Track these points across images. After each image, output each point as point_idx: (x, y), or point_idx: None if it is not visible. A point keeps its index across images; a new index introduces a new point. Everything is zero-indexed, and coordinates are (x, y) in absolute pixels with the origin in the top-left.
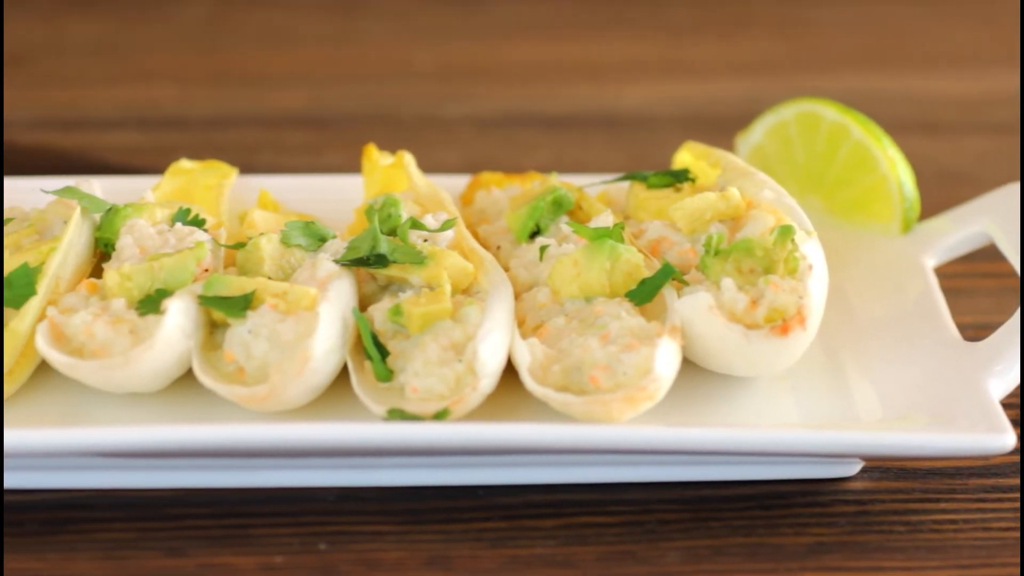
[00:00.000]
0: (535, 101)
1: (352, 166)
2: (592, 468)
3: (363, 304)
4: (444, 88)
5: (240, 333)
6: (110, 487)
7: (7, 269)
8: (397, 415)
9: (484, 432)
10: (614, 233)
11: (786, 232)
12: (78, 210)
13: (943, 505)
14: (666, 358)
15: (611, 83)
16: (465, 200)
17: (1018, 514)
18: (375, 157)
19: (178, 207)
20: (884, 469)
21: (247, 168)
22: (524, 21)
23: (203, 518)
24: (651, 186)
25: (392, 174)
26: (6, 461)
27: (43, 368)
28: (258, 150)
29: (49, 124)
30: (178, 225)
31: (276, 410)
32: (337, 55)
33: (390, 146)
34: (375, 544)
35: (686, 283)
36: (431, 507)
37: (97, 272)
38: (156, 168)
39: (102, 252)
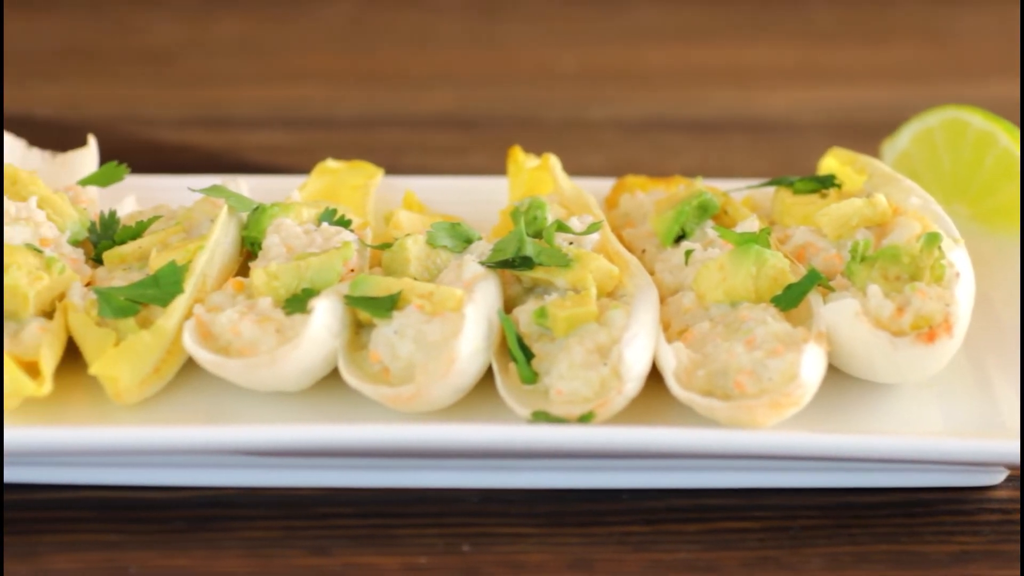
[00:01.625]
0: (679, 105)
1: (496, 168)
2: (735, 473)
3: (508, 306)
4: (588, 91)
5: (386, 333)
6: (255, 485)
7: (155, 266)
8: (542, 417)
9: (629, 436)
10: (760, 238)
11: (933, 239)
12: (225, 209)
13: None
14: (812, 364)
15: (755, 88)
16: (610, 203)
17: None
18: (521, 159)
19: (324, 207)
20: None
21: (392, 169)
22: (668, 24)
23: (347, 517)
24: (797, 191)
25: (537, 176)
26: (151, 458)
27: (189, 366)
28: (403, 151)
29: (195, 123)
30: (324, 225)
31: (421, 411)
32: (482, 57)
33: (534, 148)
34: (518, 546)
35: (832, 289)
36: (574, 510)
37: (243, 271)
38: (301, 168)
39: (248, 251)
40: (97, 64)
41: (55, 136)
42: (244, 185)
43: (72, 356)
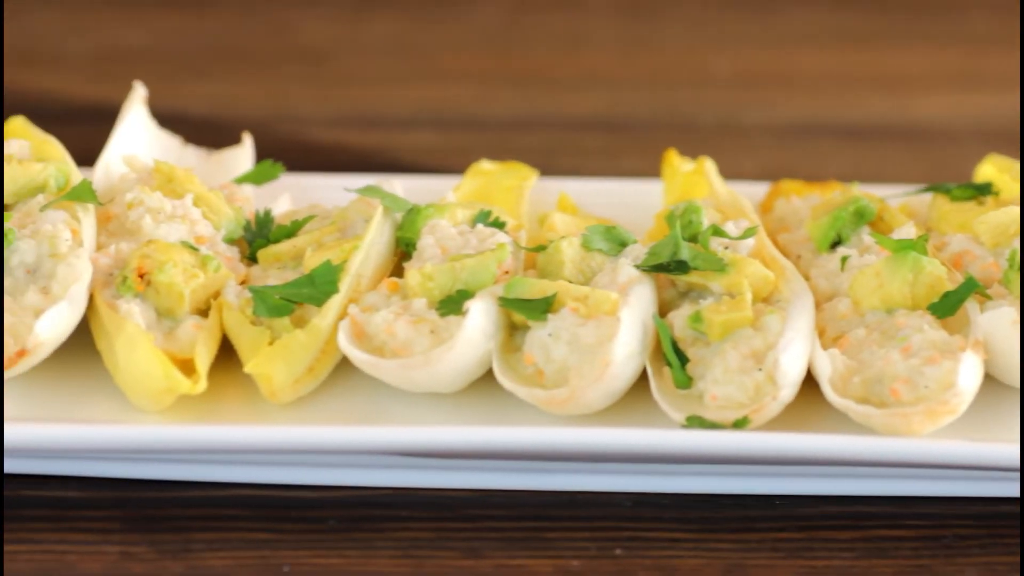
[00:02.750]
0: (832, 110)
1: (649, 171)
2: (889, 481)
3: (662, 310)
4: (741, 95)
5: (540, 336)
6: (407, 486)
7: (310, 265)
8: (696, 422)
9: (784, 442)
10: (918, 245)
11: None
12: (380, 209)
13: None
14: (969, 372)
15: (911, 93)
16: (764, 208)
17: None
18: (676, 163)
19: (479, 208)
20: None
21: (545, 171)
22: (821, 29)
23: (499, 519)
24: (954, 199)
25: (692, 180)
26: (304, 457)
27: (342, 365)
28: (556, 153)
29: (348, 122)
30: (479, 226)
31: (574, 414)
32: (634, 60)
33: (687, 152)
34: (671, 551)
35: (989, 297)
36: (727, 515)
37: (397, 271)
38: (453, 168)
39: (403, 251)
40: (251, 63)
41: (209, 134)
42: (399, 185)
43: (226, 354)
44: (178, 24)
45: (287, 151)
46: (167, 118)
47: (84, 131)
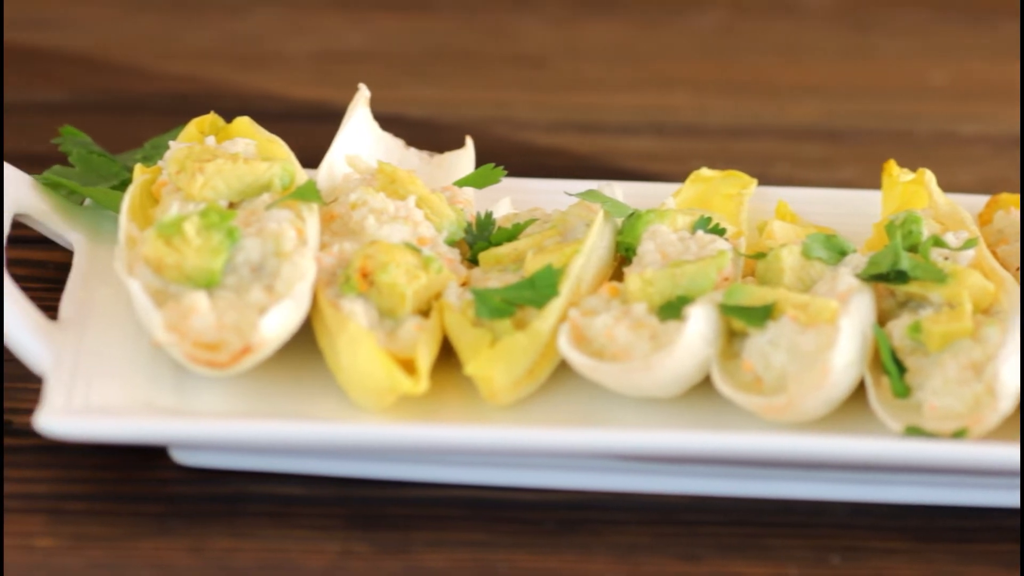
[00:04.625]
0: None
1: (866, 181)
2: None
3: (880, 319)
4: (959, 106)
5: (760, 343)
6: (625, 490)
7: (531, 269)
8: (914, 432)
9: (1003, 454)
10: None
11: None
12: (601, 214)
13: None
14: None
15: None
16: (982, 220)
17: None
18: (895, 173)
19: (699, 215)
20: None
21: (762, 179)
22: None
23: (716, 525)
24: None
25: (911, 190)
26: (522, 459)
27: (561, 368)
28: (774, 161)
29: (567, 127)
30: (699, 232)
31: (792, 421)
32: (852, 69)
33: (903, 162)
34: (888, 560)
35: None
36: (943, 526)
37: (617, 276)
38: (670, 175)
39: (622, 256)
40: (471, 67)
41: (428, 137)
42: (619, 190)
43: (445, 355)
44: (399, 27)
45: (505, 154)
46: (387, 120)
47: (305, 131)
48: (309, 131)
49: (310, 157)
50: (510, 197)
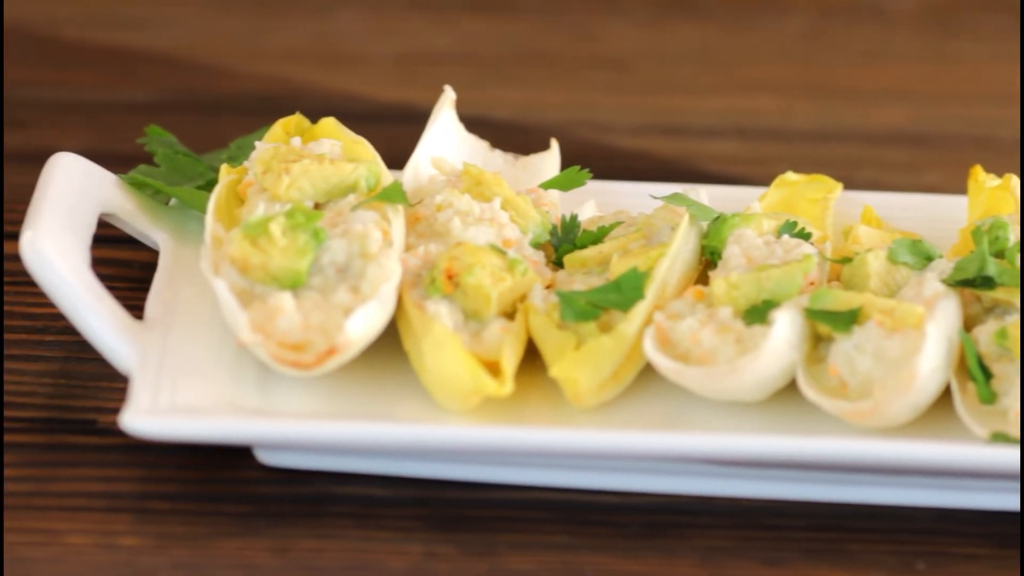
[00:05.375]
0: None
1: (951, 186)
2: None
3: (966, 325)
4: None
5: (845, 348)
6: (709, 494)
7: (616, 272)
8: (1001, 438)
9: None
10: None
11: None
12: (686, 217)
13: None
14: None
15: None
16: None
17: None
18: (981, 178)
19: (785, 219)
20: None
21: (847, 183)
22: None
23: (800, 530)
24: None
25: (997, 196)
26: (607, 462)
27: (645, 372)
28: (859, 165)
29: (651, 130)
30: (784, 237)
31: (877, 426)
32: (938, 73)
33: (989, 168)
34: (973, 567)
35: None
36: None
37: (702, 279)
38: (755, 179)
39: (707, 260)
40: (556, 69)
41: (513, 139)
42: (704, 194)
43: (530, 357)
44: (483, 29)
45: (589, 157)
46: (472, 122)
47: (390, 133)
48: (394, 132)
49: (395, 159)
50: (595, 200)
